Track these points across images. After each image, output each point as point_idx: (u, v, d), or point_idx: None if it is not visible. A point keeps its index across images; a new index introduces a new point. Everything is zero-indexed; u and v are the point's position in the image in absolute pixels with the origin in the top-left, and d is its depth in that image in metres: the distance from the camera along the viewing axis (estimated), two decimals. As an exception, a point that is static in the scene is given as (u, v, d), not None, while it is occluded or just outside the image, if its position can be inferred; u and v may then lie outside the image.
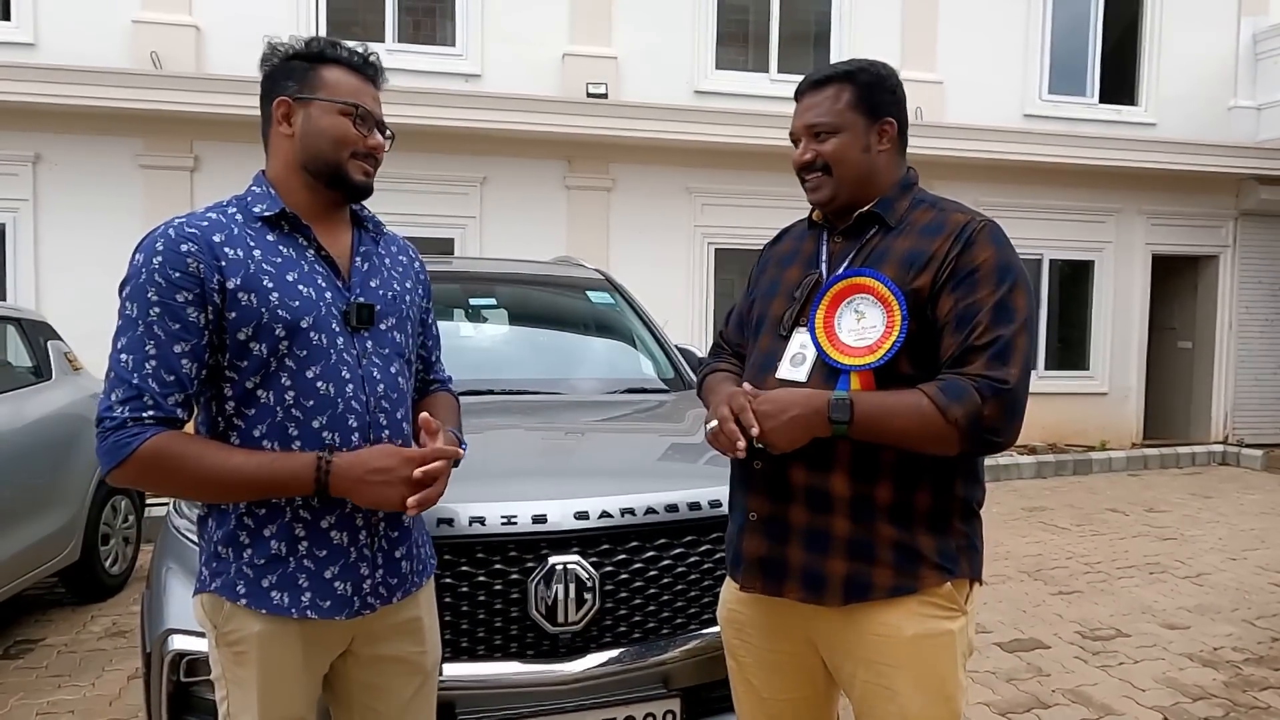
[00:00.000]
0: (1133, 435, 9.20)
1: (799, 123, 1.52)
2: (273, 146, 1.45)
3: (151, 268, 1.30)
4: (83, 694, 3.20)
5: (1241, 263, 9.51)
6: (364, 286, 1.45)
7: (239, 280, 1.32)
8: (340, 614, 1.39)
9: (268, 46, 1.46)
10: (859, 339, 1.39)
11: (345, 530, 1.39)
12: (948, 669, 1.41)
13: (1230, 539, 5.73)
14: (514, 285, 3.60)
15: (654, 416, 2.79)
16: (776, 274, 1.61)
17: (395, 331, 1.48)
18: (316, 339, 1.36)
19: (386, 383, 1.44)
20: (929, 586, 1.40)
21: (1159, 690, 3.32)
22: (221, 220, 1.37)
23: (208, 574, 1.41)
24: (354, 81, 1.43)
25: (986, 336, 1.34)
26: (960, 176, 7.96)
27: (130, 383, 1.27)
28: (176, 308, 1.29)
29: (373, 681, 1.49)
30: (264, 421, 1.34)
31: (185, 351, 1.30)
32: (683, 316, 7.74)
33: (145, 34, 6.79)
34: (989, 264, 1.38)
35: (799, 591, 1.43)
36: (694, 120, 7.48)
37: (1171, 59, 9.13)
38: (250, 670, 1.38)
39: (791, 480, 1.43)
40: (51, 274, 6.71)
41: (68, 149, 6.71)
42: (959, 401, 1.31)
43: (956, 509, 1.44)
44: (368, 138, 1.43)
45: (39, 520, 3.68)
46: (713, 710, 1.91)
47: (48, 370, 4.16)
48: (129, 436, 1.26)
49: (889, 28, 8.35)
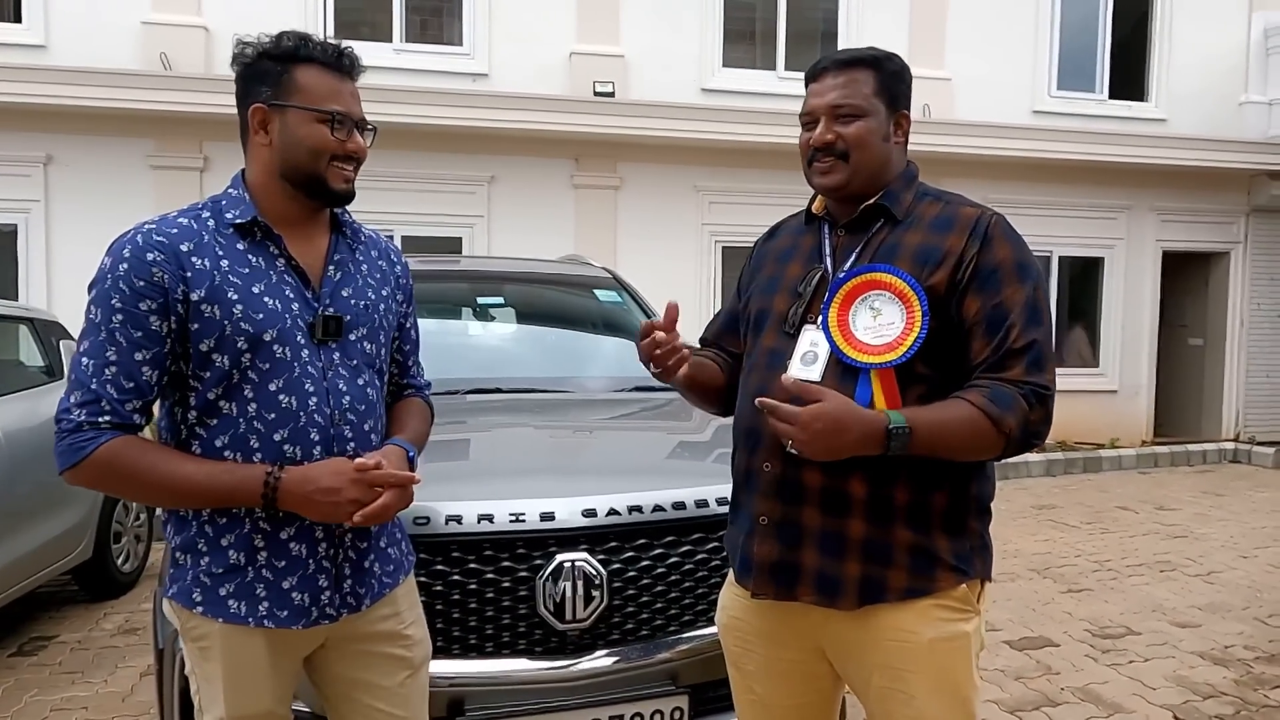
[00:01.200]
0: (1143, 433, 9.15)
1: (819, 101, 1.44)
2: (251, 153, 1.43)
3: (117, 274, 1.30)
4: (95, 690, 3.23)
5: (1253, 259, 9.44)
6: (334, 296, 1.43)
7: (203, 292, 1.31)
8: (297, 624, 1.39)
9: (237, 44, 1.43)
10: (877, 336, 1.36)
11: (304, 542, 1.39)
12: (963, 671, 1.40)
13: (1241, 537, 5.70)
14: (522, 284, 3.61)
15: (661, 415, 2.79)
16: (776, 270, 1.55)
17: (365, 341, 1.46)
18: (280, 351, 1.35)
19: (354, 395, 1.42)
20: (944, 588, 1.38)
21: (1169, 689, 3.30)
22: (192, 227, 1.36)
23: (168, 579, 1.43)
24: (329, 81, 1.39)
25: (1022, 340, 1.33)
26: (969, 173, 7.93)
27: (89, 387, 1.29)
28: (139, 316, 1.29)
29: (357, 676, 1.49)
30: (226, 432, 1.35)
31: (146, 360, 1.30)
32: (690, 315, 7.69)
33: (155, 35, 6.83)
34: (1009, 261, 1.37)
35: (812, 595, 1.40)
36: (701, 119, 7.47)
37: (1182, 54, 9.07)
38: (215, 666, 1.39)
39: (805, 482, 1.39)
40: (63, 274, 6.76)
41: (79, 150, 6.76)
42: (1010, 412, 1.30)
43: (972, 507, 1.42)
44: (346, 142, 1.40)
45: (52, 518, 3.71)
46: (721, 708, 1.91)
47: (60, 369, 4.20)
48: (84, 440, 1.28)
49: (897, 24, 8.31)
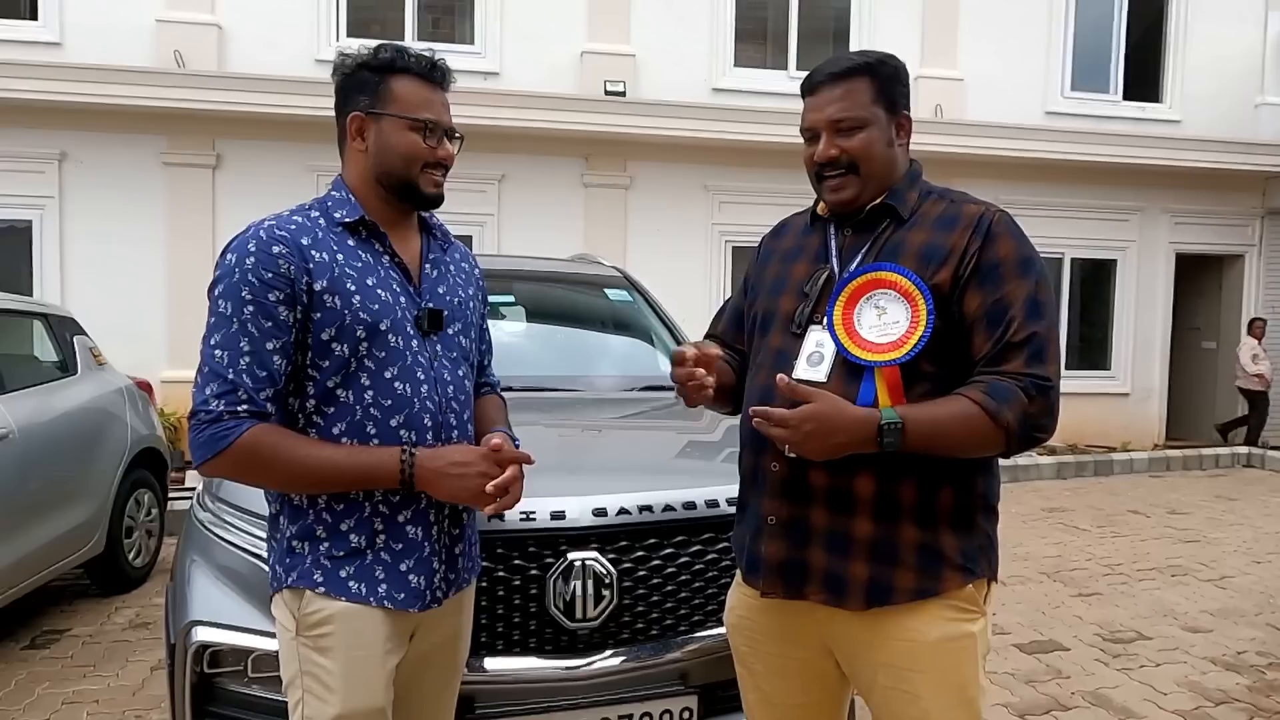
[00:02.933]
0: (1155, 436, 9.10)
1: (819, 116, 1.44)
2: (348, 158, 1.50)
3: (245, 267, 1.34)
4: (107, 684, 3.25)
5: (1268, 262, 9.37)
6: (433, 293, 1.51)
7: (325, 283, 1.37)
8: (414, 606, 1.42)
9: (338, 56, 1.50)
10: (882, 335, 1.36)
11: (420, 525, 1.44)
12: (969, 672, 1.40)
13: (1254, 542, 5.66)
14: (532, 282, 3.61)
15: (672, 414, 2.79)
16: (782, 270, 1.55)
17: (461, 336, 1.54)
18: (394, 341, 1.42)
19: (455, 384, 1.50)
20: (951, 589, 1.38)
21: (1180, 694, 3.28)
22: (306, 224, 1.42)
23: (282, 570, 1.43)
24: (423, 91, 1.47)
25: (1022, 333, 1.32)
26: (981, 174, 7.89)
27: (226, 377, 1.31)
28: (269, 306, 1.33)
29: (410, 676, 1.51)
30: (343, 420, 1.39)
31: (276, 349, 1.34)
32: (700, 313, 7.70)
33: (169, 33, 6.87)
34: (1011, 257, 1.36)
35: (821, 594, 1.40)
36: (712, 118, 7.47)
37: (1197, 55, 9.01)
38: (332, 657, 1.38)
39: (812, 482, 1.39)
40: (76, 270, 6.81)
41: (93, 147, 6.81)
42: (1008, 404, 1.29)
43: (979, 505, 1.42)
44: (437, 149, 1.48)
45: (65, 513, 3.73)
46: (730, 707, 1.90)
47: (73, 365, 4.22)
48: (226, 429, 1.30)
49: (909, 24, 8.28)
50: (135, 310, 6.81)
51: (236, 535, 1.88)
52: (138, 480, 4.42)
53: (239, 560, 1.84)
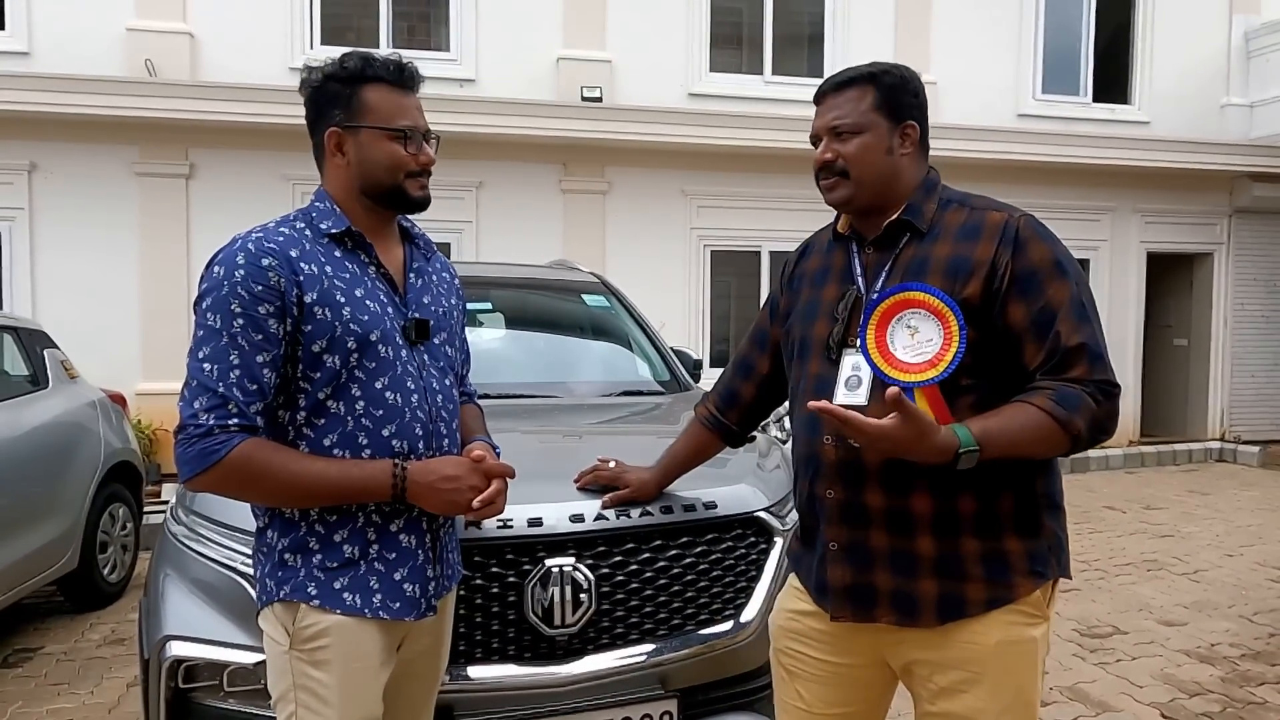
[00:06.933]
0: (1129, 433, 9.22)
1: (820, 122, 1.49)
2: (329, 172, 1.49)
3: (234, 280, 1.32)
4: (82, 701, 3.20)
5: (1236, 260, 9.53)
6: (419, 302, 1.51)
7: (315, 295, 1.36)
8: (410, 615, 1.42)
9: (304, 69, 1.49)
10: (917, 354, 1.34)
11: (413, 534, 1.44)
12: (1028, 676, 1.40)
13: (1227, 535, 5.75)
14: (510, 289, 3.60)
15: (650, 419, 2.80)
16: (812, 294, 1.55)
17: (446, 345, 1.55)
18: (384, 351, 1.42)
19: (444, 393, 1.51)
20: (1023, 594, 1.38)
21: (1156, 687, 3.33)
22: (294, 236, 1.41)
23: (273, 584, 1.40)
24: (395, 98, 1.45)
25: (1077, 338, 1.33)
26: (954, 176, 7.68)
27: (215, 391, 1.30)
28: (259, 319, 1.32)
29: (393, 686, 1.50)
30: (334, 431, 1.39)
31: (266, 362, 1.33)
32: (679, 319, 7.75)
33: (139, 42, 6.80)
34: (1047, 261, 1.37)
35: (892, 615, 1.40)
36: (688, 123, 7.49)
37: (1164, 58, 9.16)
38: (328, 671, 1.37)
39: (868, 504, 1.40)
40: (47, 282, 6.71)
41: (63, 157, 6.71)
42: (1078, 413, 1.30)
43: (1042, 505, 1.41)
44: (419, 155, 1.47)
45: (37, 528, 3.68)
46: (710, 710, 1.92)
47: (44, 379, 4.17)
48: (217, 444, 1.29)
49: (882, 28, 8.37)
50: (108, 322, 6.71)
51: (211, 549, 1.86)
52: (112, 494, 4.36)
53: (214, 574, 1.83)
